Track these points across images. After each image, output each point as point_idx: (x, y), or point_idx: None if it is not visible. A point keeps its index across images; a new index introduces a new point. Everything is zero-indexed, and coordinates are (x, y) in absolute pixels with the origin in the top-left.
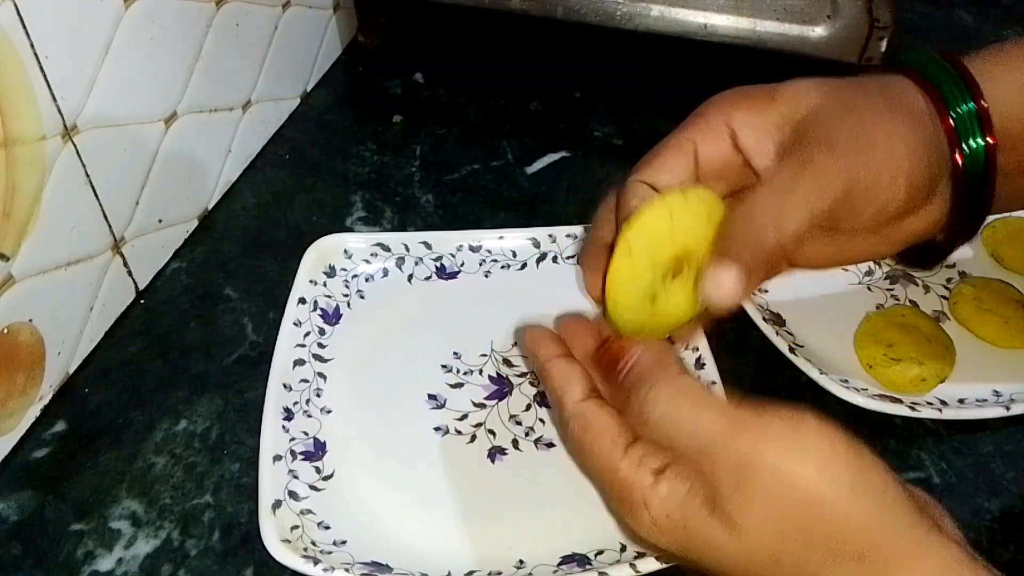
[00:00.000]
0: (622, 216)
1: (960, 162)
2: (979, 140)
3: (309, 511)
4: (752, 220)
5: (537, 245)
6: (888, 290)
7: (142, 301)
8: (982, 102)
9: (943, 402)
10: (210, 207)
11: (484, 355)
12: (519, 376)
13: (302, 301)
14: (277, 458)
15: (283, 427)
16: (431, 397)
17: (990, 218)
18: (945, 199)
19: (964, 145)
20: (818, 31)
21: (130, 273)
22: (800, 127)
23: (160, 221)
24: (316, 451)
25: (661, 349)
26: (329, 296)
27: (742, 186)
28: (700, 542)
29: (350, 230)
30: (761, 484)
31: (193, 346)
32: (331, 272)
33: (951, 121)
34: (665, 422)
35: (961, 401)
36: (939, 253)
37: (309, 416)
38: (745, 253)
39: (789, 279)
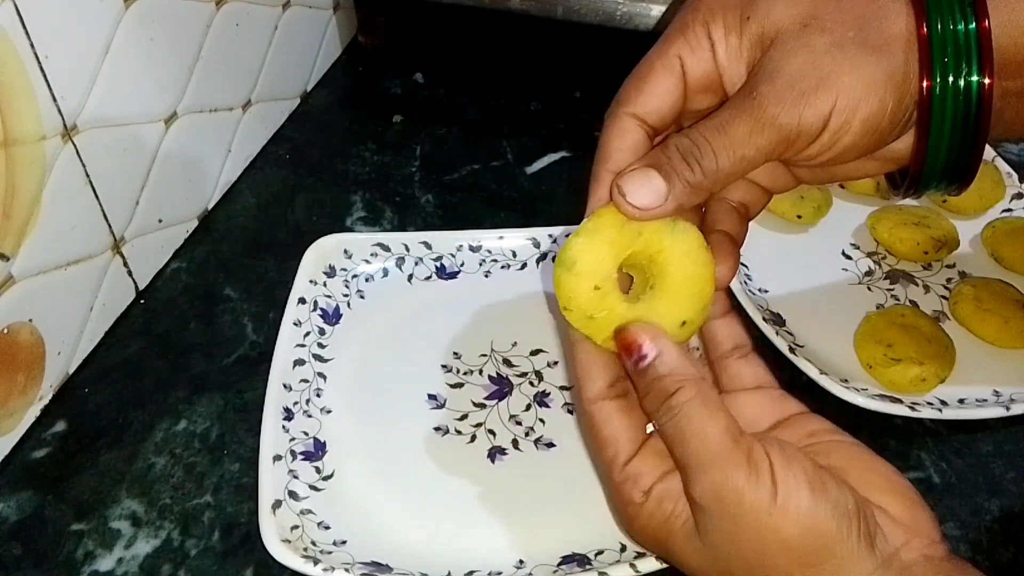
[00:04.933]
0: (603, 163)
1: (926, 93)
2: (972, 76)
3: (309, 511)
4: (684, 150)
5: (537, 245)
6: (888, 290)
7: (142, 301)
8: (985, 23)
9: (943, 402)
10: (210, 207)
11: (484, 355)
12: (519, 376)
13: (302, 301)
14: (277, 458)
15: (283, 427)
16: (431, 397)
17: (989, 218)
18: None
19: (956, 80)
20: None
21: (130, 273)
22: (763, 52)
23: (160, 221)
24: (316, 451)
25: (677, 354)
26: (329, 296)
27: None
28: (676, 553)
29: (350, 230)
30: (729, 511)
31: (193, 346)
32: (331, 272)
33: (928, 43)
34: (675, 429)
35: (961, 401)
36: (915, 183)
37: (309, 416)
38: (673, 174)
39: (789, 279)
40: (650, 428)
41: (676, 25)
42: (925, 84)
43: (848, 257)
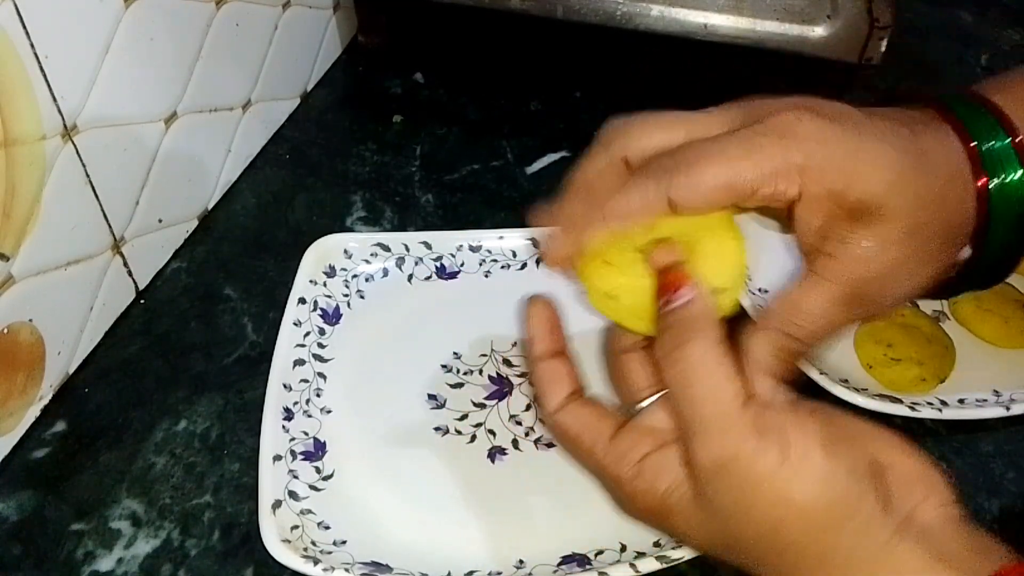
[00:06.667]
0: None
1: (986, 189)
2: (1016, 174)
3: (309, 511)
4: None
5: (537, 245)
6: None
7: (142, 301)
8: (1018, 139)
9: (943, 402)
10: (210, 207)
11: (484, 355)
12: (519, 376)
13: (302, 301)
14: (277, 458)
15: (283, 427)
16: (431, 397)
17: None
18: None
19: (1004, 179)
20: (818, 31)
21: (130, 273)
22: (851, 221)
23: (160, 221)
24: (316, 451)
25: (710, 307)
26: (329, 296)
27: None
28: (679, 529)
29: (350, 230)
30: (736, 480)
31: (193, 346)
32: (331, 272)
33: (979, 156)
34: (679, 382)
35: (961, 401)
36: (965, 283)
37: (309, 416)
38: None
39: (789, 279)
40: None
41: (762, 154)
42: (981, 183)
43: None
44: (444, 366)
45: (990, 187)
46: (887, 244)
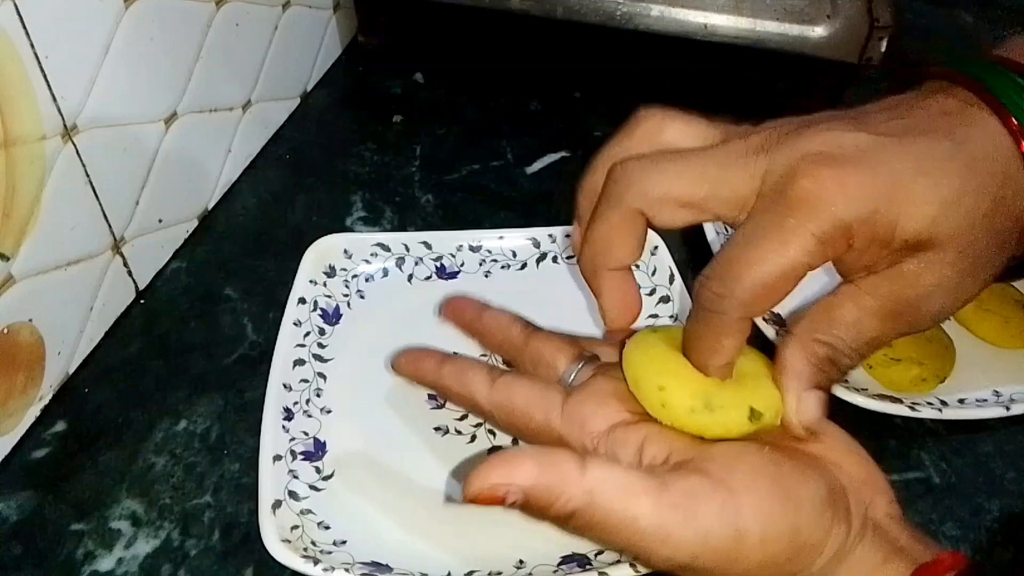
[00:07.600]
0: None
1: None
2: None
3: (309, 511)
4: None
5: (537, 245)
6: None
7: (142, 301)
8: None
9: (943, 402)
10: (210, 207)
11: (484, 355)
12: None
13: (302, 301)
14: (277, 458)
15: (283, 427)
16: (431, 397)
17: None
18: None
19: None
20: (818, 31)
21: (130, 273)
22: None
23: (160, 221)
24: (316, 451)
25: (544, 479)
26: (329, 296)
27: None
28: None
29: (350, 230)
30: (702, 566)
31: (193, 346)
32: (331, 272)
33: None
34: (608, 541)
35: (961, 401)
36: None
37: (309, 416)
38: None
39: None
40: None
41: (799, 242)
42: None
43: None
44: None
45: None
46: (935, 266)
